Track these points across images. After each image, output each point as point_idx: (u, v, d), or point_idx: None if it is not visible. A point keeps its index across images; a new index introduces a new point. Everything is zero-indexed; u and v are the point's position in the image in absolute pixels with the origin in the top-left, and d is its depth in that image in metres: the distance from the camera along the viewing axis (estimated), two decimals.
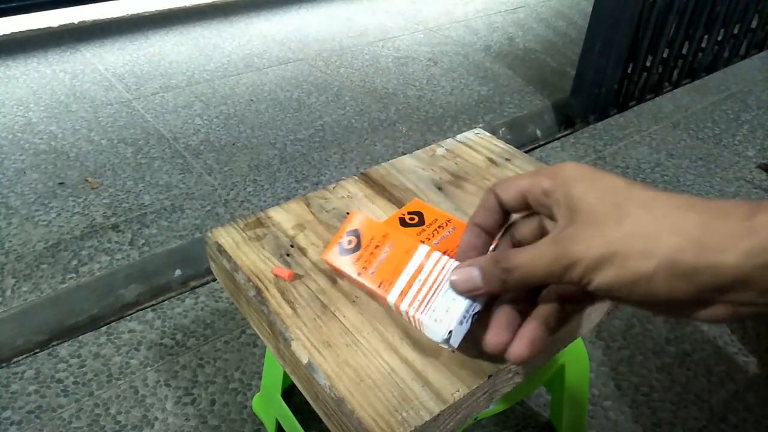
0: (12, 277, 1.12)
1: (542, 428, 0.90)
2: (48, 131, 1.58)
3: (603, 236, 0.29)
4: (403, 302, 0.41)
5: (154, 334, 1.02)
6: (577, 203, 0.31)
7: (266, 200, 1.36)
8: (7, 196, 1.33)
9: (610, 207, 0.30)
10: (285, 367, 0.48)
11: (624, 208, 0.29)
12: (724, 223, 0.26)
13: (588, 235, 0.30)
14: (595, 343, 1.04)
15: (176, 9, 2.48)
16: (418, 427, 0.38)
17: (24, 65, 1.95)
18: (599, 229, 0.29)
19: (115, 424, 0.87)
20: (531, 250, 0.32)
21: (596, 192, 0.30)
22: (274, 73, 1.98)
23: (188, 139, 1.58)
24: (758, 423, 0.92)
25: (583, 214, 0.30)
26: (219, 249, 0.53)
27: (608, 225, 0.29)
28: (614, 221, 0.29)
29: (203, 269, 1.15)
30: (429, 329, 0.40)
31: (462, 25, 2.48)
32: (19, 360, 0.97)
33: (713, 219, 0.27)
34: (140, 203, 1.33)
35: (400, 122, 1.72)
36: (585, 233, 0.30)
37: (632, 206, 0.29)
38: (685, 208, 0.28)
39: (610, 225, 0.29)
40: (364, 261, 0.45)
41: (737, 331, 1.08)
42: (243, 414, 0.90)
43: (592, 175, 0.32)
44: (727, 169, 1.58)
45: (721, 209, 0.27)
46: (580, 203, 0.31)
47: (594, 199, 0.30)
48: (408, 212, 0.50)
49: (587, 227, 0.30)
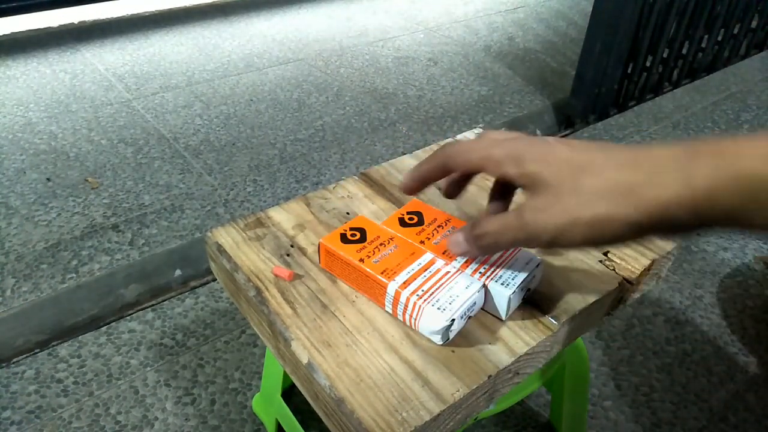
0: (12, 277, 1.12)
1: (542, 428, 0.90)
2: (48, 131, 1.58)
3: (564, 207, 0.33)
4: (406, 290, 0.43)
5: (154, 334, 1.02)
6: (535, 179, 0.35)
7: (266, 200, 1.36)
8: (7, 196, 1.33)
9: (564, 178, 0.33)
10: (285, 367, 0.48)
11: (576, 178, 0.33)
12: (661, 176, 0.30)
13: (548, 206, 0.34)
14: (595, 343, 1.04)
15: (176, 9, 2.48)
16: (418, 427, 0.38)
17: (24, 65, 1.95)
18: (560, 201, 0.33)
19: (115, 424, 0.87)
20: (501, 218, 0.37)
21: (550, 167, 0.34)
22: (274, 73, 1.98)
23: (188, 139, 1.58)
24: (758, 423, 0.92)
25: (541, 187, 0.34)
26: (219, 249, 0.53)
27: (568, 197, 0.33)
28: (569, 191, 0.33)
29: (203, 269, 1.15)
30: (430, 318, 0.41)
31: (462, 25, 2.48)
32: (19, 360, 0.97)
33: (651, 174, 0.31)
34: (140, 203, 1.33)
35: (400, 122, 1.72)
36: (545, 204, 0.34)
37: (583, 175, 0.33)
38: (626, 167, 0.32)
39: (566, 195, 0.33)
40: (368, 252, 0.46)
41: (737, 331, 1.08)
42: (243, 414, 0.90)
43: (544, 152, 0.35)
44: None
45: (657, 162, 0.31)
46: (538, 178, 0.34)
47: (549, 174, 0.34)
48: (407, 212, 0.50)
49: (547, 199, 0.34)
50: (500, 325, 0.45)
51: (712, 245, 1.29)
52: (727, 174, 0.28)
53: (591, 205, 0.32)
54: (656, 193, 0.30)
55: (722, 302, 1.14)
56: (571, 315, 0.46)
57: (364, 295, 0.47)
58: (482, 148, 0.38)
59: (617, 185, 0.31)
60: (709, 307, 1.13)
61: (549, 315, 0.46)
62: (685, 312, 1.11)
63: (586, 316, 0.48)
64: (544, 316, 0.46)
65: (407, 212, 0.50)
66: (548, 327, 0.45)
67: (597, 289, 0.49)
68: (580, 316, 0.47)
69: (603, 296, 0.48)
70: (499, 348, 0.43)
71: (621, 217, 0.31)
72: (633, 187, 0.31)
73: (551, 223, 0.34)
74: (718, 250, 1.28)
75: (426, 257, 0.46)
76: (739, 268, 1.23)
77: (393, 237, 0.48)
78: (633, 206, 0.31)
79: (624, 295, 0.52)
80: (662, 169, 0.30)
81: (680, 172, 0.29)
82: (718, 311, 1.12)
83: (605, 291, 0.49)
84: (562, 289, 0.49)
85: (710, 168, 0.28)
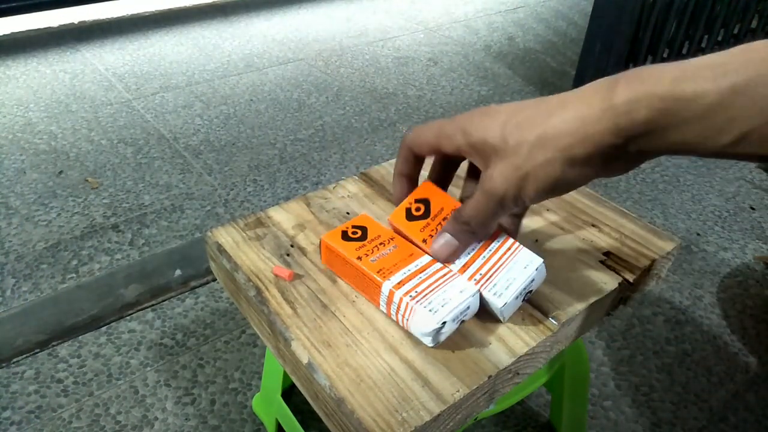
0: (12, 277, 1.12)
1: (542, 428, 0.90)
2: (48, 131, 1.58)
3: (513, 166, 0.35)
4: (400, 290, 0.42)
5: (154, 334, 1.02)
6: (486, 149, 0.37)
7: (266, 200, 1.36)
8: (7, 196, 1.33)
9: (507, 138, 0.36)
10: (285, 367, 0.48)
11: (515, 136, 0.35)
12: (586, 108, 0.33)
13: (502, 169, 0.36)
14: (595, 343, 1.04)
15: (176, 9, 2.49)
16: (418, 427, 0.38)
17: (24, 65, 1.95)
18: (508, 162, 0.36)
19: (115, 424, 0.87)
20: (472, 201, 0.39)
21: (496, 135, 0.36)
22: (274, 73, 1.98)
23: (188, 139, 1.58)
24: (758, 423, 0.92)
25: (492, 155, 0.37)
26: (219, 249, 0.53)
27: (513, 156, 0.35)
28: (512, 150, 0.35)
29: (203, 269, 1.15)
30: (421, 319, 0.41)
31: (462, 25, 2.48)
32: (19, 360, 0.97)
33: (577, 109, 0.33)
34: (140, 203, 1.33)
35: (400, 122, 1.72)
36: (499, 169, 0.36)
37: (524, 133, 0.35)
38: (560, 110, 0.34)
39: (515, 155, 0.35)
40: (366, 250, 0.46)
41: (737, 331, 1.08)
42: (243, 414, 0.90)
43: (487, 121, 0.37)
44: (727, 169, 1.58)
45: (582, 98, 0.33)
46: (488, 148, 0.37)
47: (496, 141, 0.36)
48: (415, 200, 0.47)
49: (499, 164, 0.36)
50: (500, 325, 0.45)
51: (712, 245, 1.29)
52: (643, 93, 0.31)
53: (531, 157, 0.34)
54: (582, 125, 0.33)
55: (722, 302, 1.14)
56: (571, 315, 0.46)
57: (362, 294, 0.47)
58: (435, 126, 0.40)
59: (548, 130, 0.34)
60: (709, 307, 1.13)
61: (549, 315, 0.46)
62: (685, 312, 1.11)
63: (586, 316, 0.48)
64: (544, 316, 0.46)
65: (415, 200, 0.47)
66: (548, 327, 0.45)
67: (597, 289, 0.49)
68: (580, 316, 0.47)
69: (603, 296, 0.48)
70: (499, 348, 0.43)
71: (557, 158, 0.34)
72: (561, 127, 0.33)
73: (508, 184, 0.36)
74: (718, 250, 1.28)
75: (424, 259, 0.45)
76: (739, 268, 1.23)
77: (393, 237, 0.48)
78: (565, 146, 0.33)
79: (624, 295, 0.52)
80: (587, 102, 0.33)
81: (603, 99, 0.32)
82: (718, 311, 1.12)
83: (605, 291, 0.49)
84: (562, 289, 0.49)
85: (628, 90, 0.31)
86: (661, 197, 1.45)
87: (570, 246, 0.54)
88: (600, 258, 0.52)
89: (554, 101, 0.35)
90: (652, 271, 0.53)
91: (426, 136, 0.41)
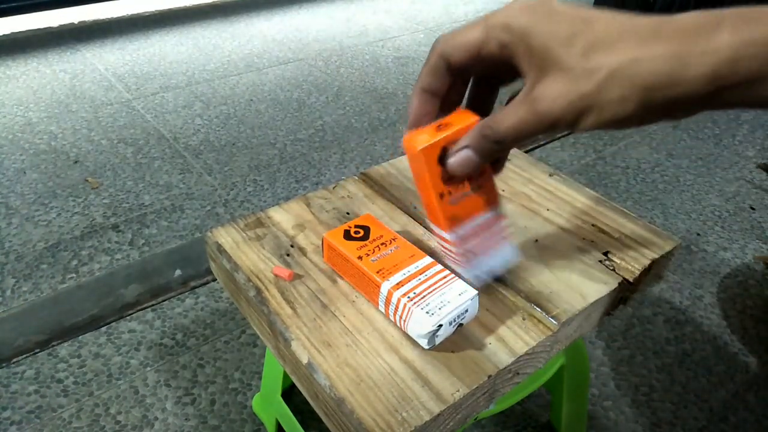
0: (12, 277, 1.12)
1: (542, 428, 0.90)
2: (48, 131, 1.58)
3: (579, 92, 0.29)
4: (398, 291, 0.42)
5: (154, 334, 1.02)
6: (546, 58, 0.30)
7: (266, 200, 1.36)
8: (7, 196, 1.33)
9: (577, 55, 0.29)
10: (285, 367, 0.48)
11: (592, 55, 0.29)
12: (688, 53, 0.27)
13: (563, 91, 0.30)
14: (595, 343, 1.04)
15: (176, 9, 2.48)
16: (418, 427, 0.38)
17: (24, 65, 1.95)
18: (574, 85, 0.30)
19: (115, 424, 0.87)
20: (512, 114, 0.33)
21: (559, 37, 0.30)
22: (274, 73, 1.98)
23: (188, 139, 1.58)
24: (758, 423, 0.92)
25: (550, 64, 0.30)
26: (219, 249, 0.53)
27: (582, 80, 0.29)
28: (587, 77, 0.29)
29: (203, 269, 1.15)
30: (418, 321, 0.41)
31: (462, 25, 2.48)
32: (19, 360, 0.97)
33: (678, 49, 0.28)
34: (140, 203, 1.33)
35: (400, 122, 1.72)
36: (559, 89, 0.30)
37: (600, 51, 0.29)
38: (651, 41, 0.28)
39: (584, 80, 0.29)
40: (368, 250, 0.46)
41: (737, 331, 1.08)
42: (243, 414, 0.90)
43: (550, 16, 0.30)
44: (727, 169, 1.58)
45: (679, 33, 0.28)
46: (549, 58, 0.30)
47: (562, 54, 0.30)
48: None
49: (560, 82, 0.30)
50: (500, 325, 0.45)
51: (712, 245, 1.29)
52: (750, 38, 0.26)
53: (605, 89, 0.29)
54: (677, 66, 0.28)
55: (722, 302, 1.14)
56: (571, 315, 0.46)
57: (362, 293, 0.47)
58: (477, 23, 0.33)
59: (631, 63, 0.28)
60: (709, 307, 1.13)
61: (549, 315, 0.46)
62: (685, 312, 1.11)
63: (586, 316, 0.48)
64: (544, 316, 0.46)
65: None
66: (548, 327, 0.45)
67: (597, 289, 0.49)
68: (580, 316, 0.47)
69: (603, 296, 0.48)
70: (499, 348, 0.43)
71: (634, 98, 0.29)
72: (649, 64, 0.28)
73: (567, 110, 0.30)
74: (718, 250, 1.28)
75: (425, 260, 0.45)
76: (739, 268, 1.23)
77: (395, 238, 0.48)
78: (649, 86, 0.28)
79: (624, 295, 0.52)
80: (685, 39, 0.28)
81: (705, 40, 0.27)
82: (718, 311, 1.12)
83: (605, 291, 0.49)
84: (562, 289, 0.49)
85: (735, 34, 0.27)
86: (661, 197, 1.45)
87: (570, 246, 0.54)
88: (600, 258, 0.52)
89: (644, 25, 0.29)
90: (652, 271, 0.53)
91: (464, 35, 0.34)
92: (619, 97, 0.29)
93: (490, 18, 0.33)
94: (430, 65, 0.36)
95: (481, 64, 0.35)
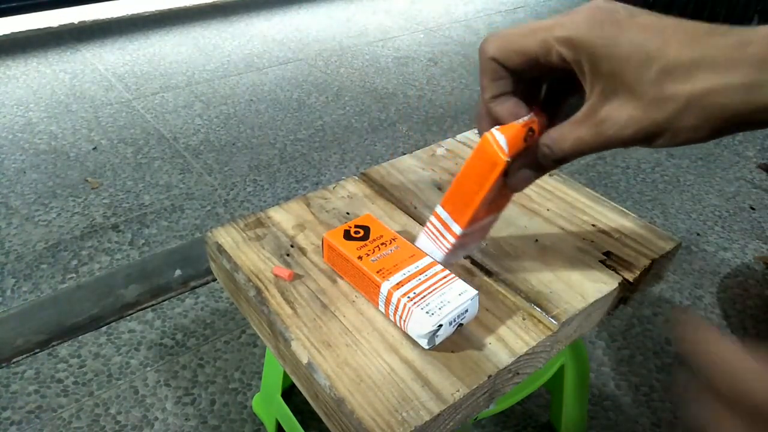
0: (12, 277, 1.12)
1: (542, 428, 0.90)
2: (48, 131, 1.58)
3: (651, 119, 0.28)
4: (398, 291, 0.42)
5: (154, 334, 1.02)
6: (610, 75, 0.29)
7: (266, 200, 1.36)
8: (7, 196, 1.33)
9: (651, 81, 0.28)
10: (285, 367, 0.48)
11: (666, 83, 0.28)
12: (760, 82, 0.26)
13: (632, 114, 0.29)
14: (595, 343, 1.04)
15: (176, 9, 2.48)
16: (418, 427, 0.38)
17: (24, 65, 1.95)
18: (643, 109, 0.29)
19: (115, 424, 0.87)
20: (573, 134, 0.32)
21: (630, 61, 0.28)
22: (274, 73, 1.98)
23: (188, 139, 1.58)
24: None
25: (619, 87, 0.29)
26: (219, 249, 0.53)
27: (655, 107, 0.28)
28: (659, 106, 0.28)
29: (203, 269, 1.15)
30: (418, 321, 0.41)
31: (462, 25, 2.48)
32: (19, 360, 0.97)
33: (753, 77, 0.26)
34: (140, 203, 1.33)
35: (400, 122, 1.72)
36: (628, 112, 0.29)
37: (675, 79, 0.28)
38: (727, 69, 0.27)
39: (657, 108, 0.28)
40: (368, 250, 0.46)
41: (737, 331, 1.08)
42: (243, 414, 0.90)
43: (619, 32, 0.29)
44: (727, 169, 1.58)
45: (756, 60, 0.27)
46: (614, 76, 0.29)
47: (629, 70, 0.28)
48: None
49: (629, 105, 0.29)
50: (500, 324, 0.45)
51: (712, 245, 1.29)
52: None
53: (678, 118, 0.28)
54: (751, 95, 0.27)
55: (722, 302, 1.14)
56: (571, 315, 0.46)
57: (362, 293, 0.47)
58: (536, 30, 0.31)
59: (708, 94, 0.27)
60: (709, 307, 1.13)
61: (549, 315, 0.46)
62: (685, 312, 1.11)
63: (586, 316, 0.48)
64: (544, 316, 0.46)
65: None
66: (548, 327, 0.45)
67: (597, 289, 0.49)
68: (580, 316, 0.47)
69: (603, 296, 0.48)
70: (499, 348, 0.43)
71: (708, 127, 0.28)
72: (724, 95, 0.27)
73: (637, 135, 0.29)
74: (718, 250, 1.28)
75: (425, 261, 0.45)
76: (739, 268, 1.23)
77: (395, 238, 0.48)
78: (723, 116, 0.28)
79: (624, 295, 0.52)
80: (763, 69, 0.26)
81: None
82: (718, 311, 1.12)
83: (605, 291, 0.49)
84: (562, 289, 0.49)
85: None
86: (661, 197, 1.45)
87: (570, 246, 0.54)
88: (600, 258, 0.52)
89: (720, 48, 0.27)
90: (652, 271, 0.53)
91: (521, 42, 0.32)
92: (693, 126, 0.28)
93: (552, 29, 0.31)
94: (487, 74, 0.34)
95: (539, 71, 0.33)
